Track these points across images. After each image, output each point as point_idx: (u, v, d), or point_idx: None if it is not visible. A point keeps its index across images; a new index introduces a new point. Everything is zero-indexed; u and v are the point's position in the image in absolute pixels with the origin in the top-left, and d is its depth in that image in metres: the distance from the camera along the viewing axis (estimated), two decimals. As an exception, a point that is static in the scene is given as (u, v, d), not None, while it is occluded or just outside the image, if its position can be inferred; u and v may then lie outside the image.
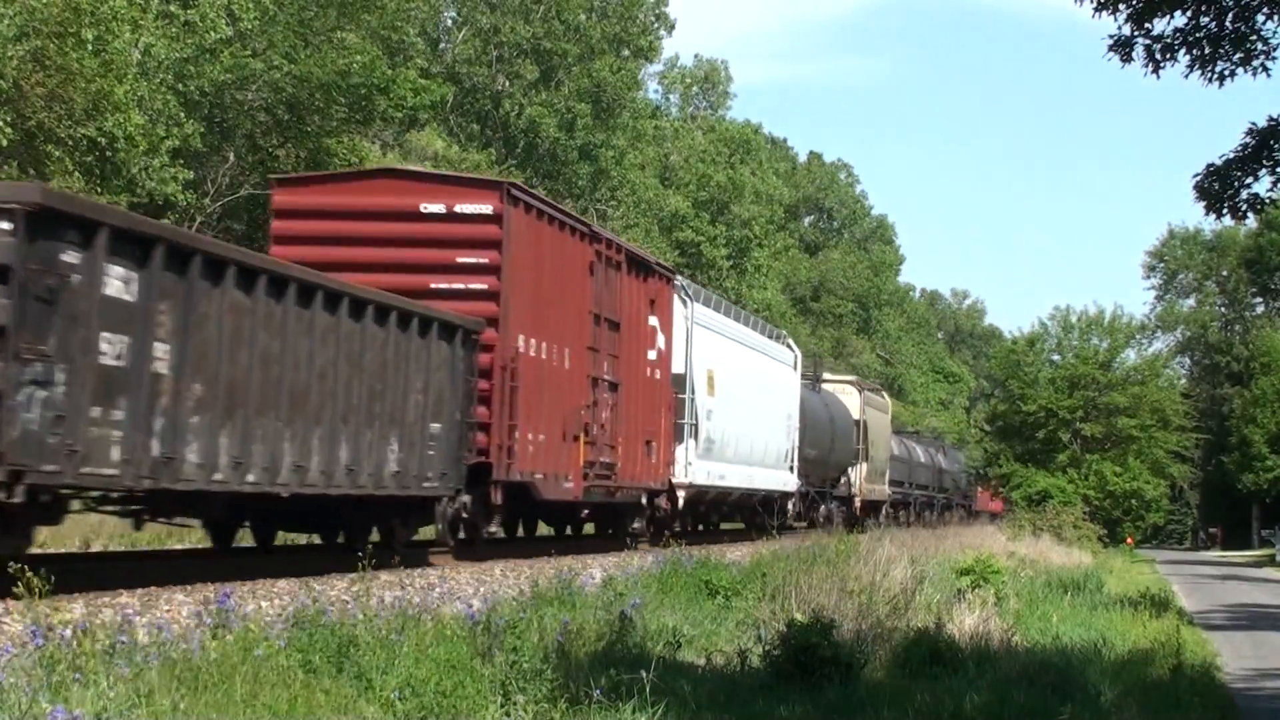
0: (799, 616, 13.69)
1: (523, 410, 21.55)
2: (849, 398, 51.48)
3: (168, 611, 12.22)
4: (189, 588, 14.04)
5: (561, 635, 12.13)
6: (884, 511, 53.67)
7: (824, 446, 45.19)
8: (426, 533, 21.60)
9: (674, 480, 29.83)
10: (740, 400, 34.94)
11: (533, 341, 22.18)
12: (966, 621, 16.18)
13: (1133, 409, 58.94)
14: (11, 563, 10.95)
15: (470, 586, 17.12)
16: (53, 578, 10.46)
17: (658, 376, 28.64)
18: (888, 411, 59.79)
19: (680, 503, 30.28)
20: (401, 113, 41.59)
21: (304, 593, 13.73)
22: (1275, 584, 42.12)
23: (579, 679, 10.55)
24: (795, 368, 43.12)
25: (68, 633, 9.55)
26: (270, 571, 16.22)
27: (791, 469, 40.87)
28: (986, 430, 66.89)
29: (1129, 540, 59.99)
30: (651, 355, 28.22)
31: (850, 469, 49.68)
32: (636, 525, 28.38)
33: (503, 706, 10.10)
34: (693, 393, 30.85)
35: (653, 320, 28.41)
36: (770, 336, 41.83)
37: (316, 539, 21.01)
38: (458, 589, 16.58)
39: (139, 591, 13.44)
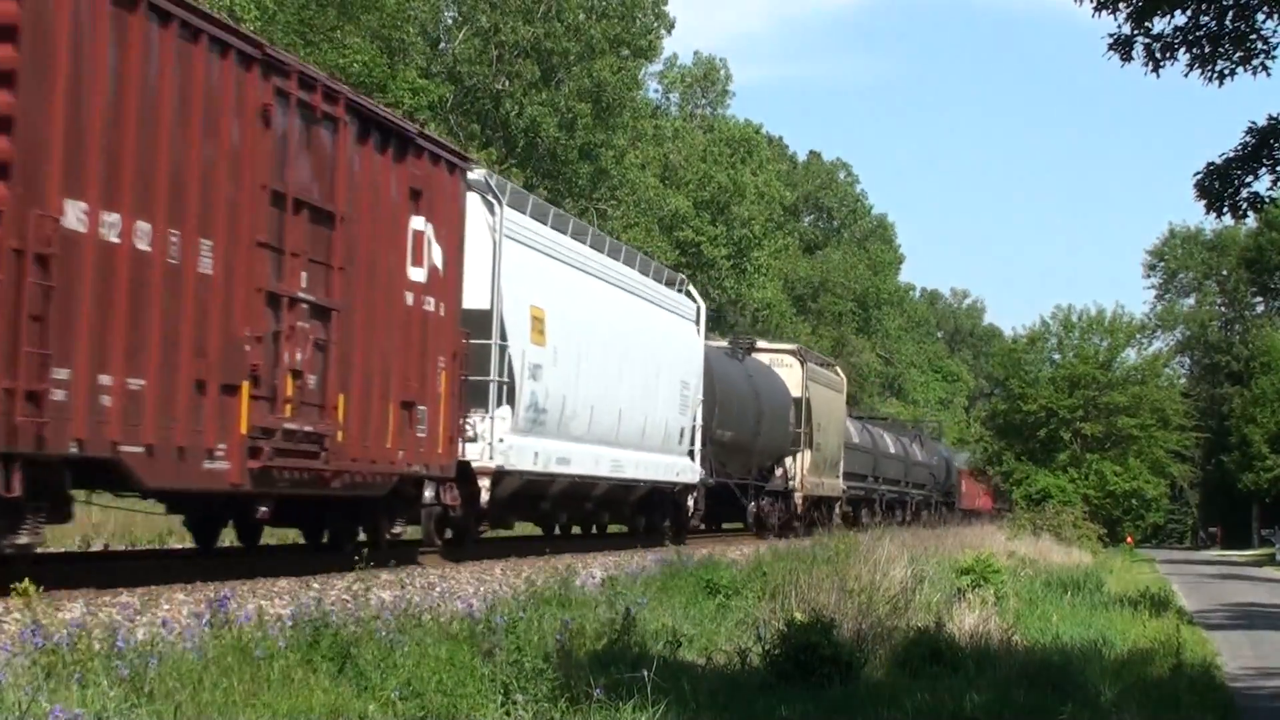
0: (799, 616, 13.69)
1: (84, 332, 12.90)
2: (787, 371, 41.82)
3: (168, 611, 12.22)
4: (189, 587, 14.03)
5: (561, 635, 12.13)
6: (836, 510, 46.33)
7: (746, 429, 36.27)
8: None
9: (475, 464, 21.46)
10: (595, 356, 25.88)
11: (112, 217, 13.21)
12: (966, 621, 16.19)
13: (1133, 408, 58.93)
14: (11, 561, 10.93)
15: (470, 586, 17.13)
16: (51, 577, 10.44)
17: (431, 309, 19.40)
18: (842, 390, 49.76)
19: (485, 496, 21.64)
20: (400, 111, 41.64)
21: (304, 592, 13.74)
22: (1275, 583, 42.13)
23: (579, 678, 10.55)
24: (697, 323, 33.21)
25: (68, 632, 9.55)
26: (270, 571, 16.22)
27: (692, 455, 32.02)
28: (987, 429, 66.85)
29: (1129, 540, 60.00)
30: (416, 275, 19.03)
31: (789, 458, 40.90)
32: (398, 530, 19.84)
33: (503, 706, 10.11)
34: (504, 338, 22.20)
35: (419, 223, 19.11)
36: (661, 280, 31.80)
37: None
38: (458, 588, 16.59)
39: (139, 591, 13.43)
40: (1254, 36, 19.65)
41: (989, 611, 17.29)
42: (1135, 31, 19.58)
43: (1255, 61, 19.62)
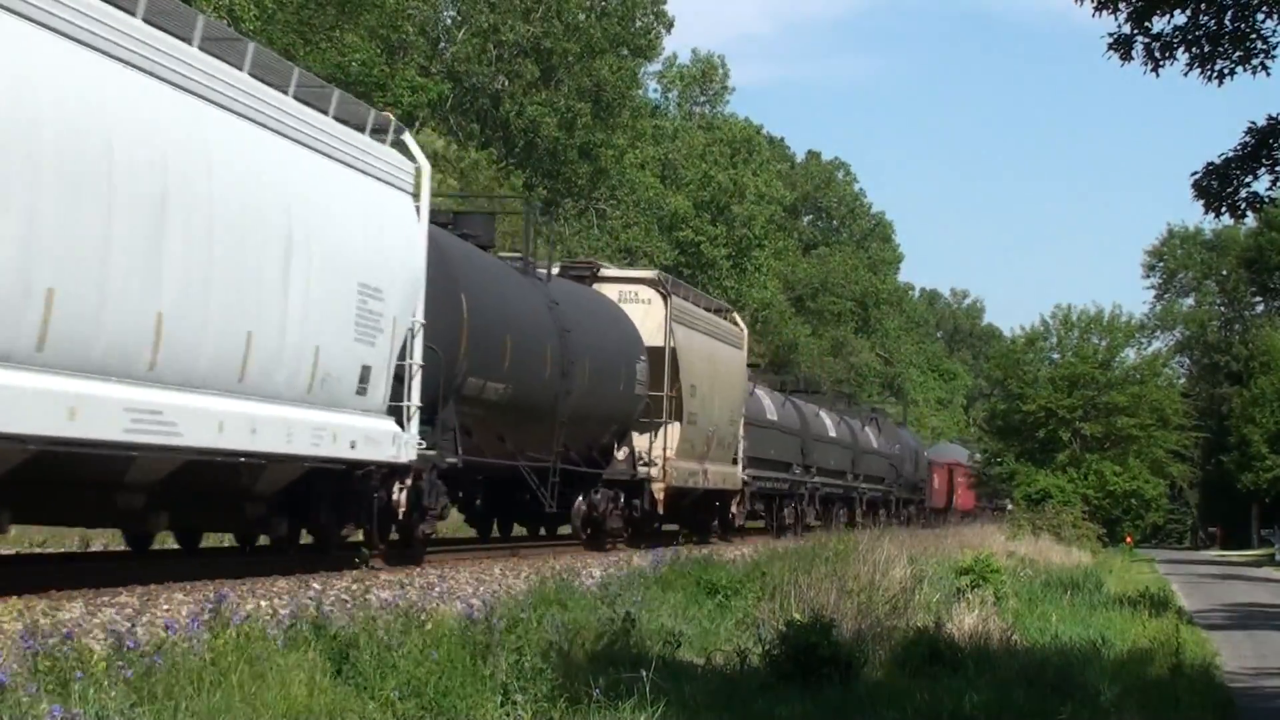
0: (798, 616, 13.69)
1: None
2: (642, 309, 28.82)
3: (167, 611, 12.21)
4: (189, 587, 14.03)
5: (561, 635, 12.14)
6: (734, 509, 35.24)
7: (539, 383, 23.39)
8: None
9: None
10: (83, 198, 12.75)
11: None
12: (966, 621, 16.18)
13: (1132, 408, 58.88)
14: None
15: (470, 586, 17.13)
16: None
17: None
18: (742, 346, 36.11)
19: None
20: (399, 110, 41.62)
21: (304, 592, 13.74)
22: (1275, 583, 42.12)
23: (579, 678, 10.56)
24: (416, 197, 19.64)
25: (68, 632, 9.55)
26: (270, 571, 16.21)
27: (402, 415, 18.86)
28: (986, 429, 66.78)
29: (1128, 540, 59.94)
30: None
31: (642, 435, 28.37)
32: None
33: (502, 706, 10.11)
34: None
35: None
36: (362, 128, 18.40)
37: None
38: (457, 588, 16.59)
39: (139, 591, 13.43)
40: (1253, 36, 19.66)
41: (988, 611, 17.28)
42: (1135, 31, 19.60)
43: (1255, 61, 19.64)
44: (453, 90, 58.30)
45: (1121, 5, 19.31)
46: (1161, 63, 19.59)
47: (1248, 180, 20.90)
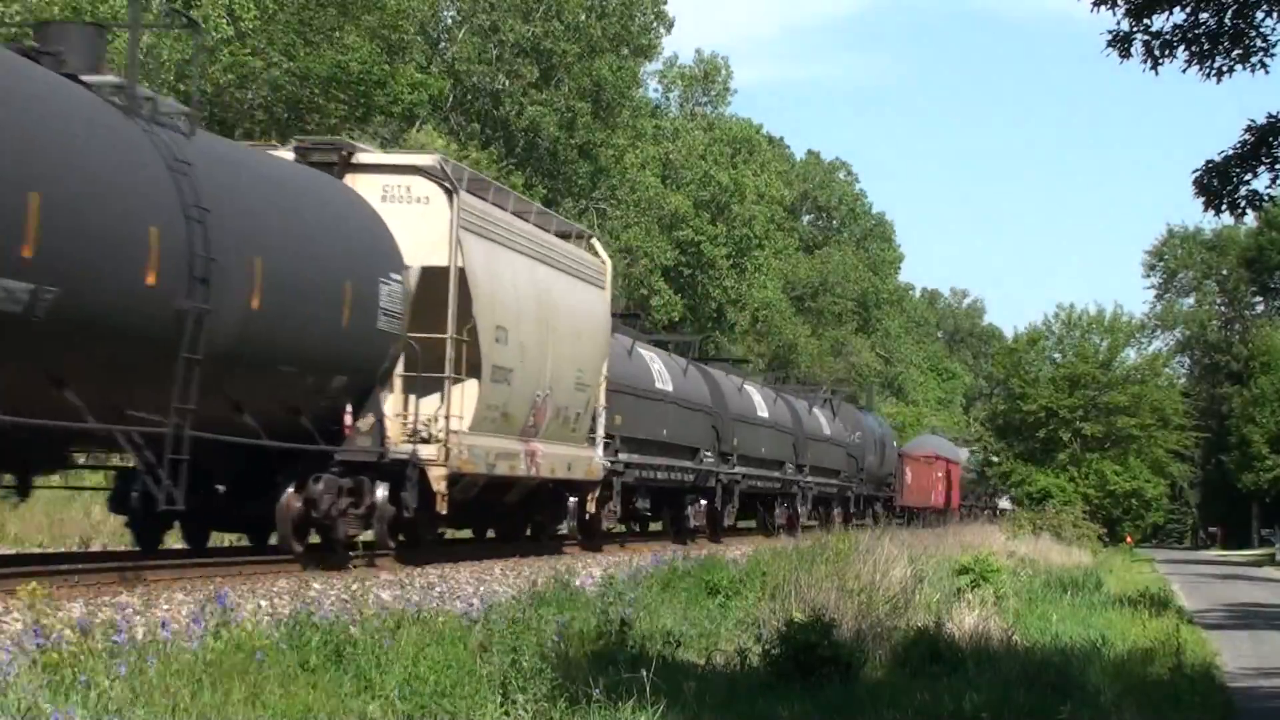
0: (798, 616, 13.69)
1: None
2: (415, 210, 19.75)
3: (167, 611, 12.21)
4: (190, 587, 14.03)
5: (560, 635, 12.13)
6: (589, 503, 25.44)
7: (132, 286, 13.88)
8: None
9: None
10: None
11: None
12: (966, 621, 16.19)
13: (1133, 408, 58.97)
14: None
15: (470, 586, 17.12)
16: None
17: None
18: (604, 286, 25.98)
19: None
20: (399, 108, 41.61)
21: (304, 591, 13.73)
22: (1275, 583, 42.13)
23: (578, 678, 10.55)
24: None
25: (67, 632, 9.55)
26: (270, 570, 16.21)
27: None
28: (987, 429, 66.77)
29: (1129, 539, 60.01)
30: None
31: (424, 396, 19.63)
32: None
33: (502, 705, 10.10)
34: None
35: None
36: None
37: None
38: (457, 588, 16.59)
39: (139, 591, 13.43)
40: (1253, 34, 19.67)
41: (989, 611, 17.29)
42: (1134, 28, 19.61)
43: (1254, 59, 19.65)
44: (453, 90, 58.32)
45: (1120, 2, 19.33)
46: (1161, 60, 19.60)
47: (1247, 178, 20.91)
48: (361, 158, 20.07)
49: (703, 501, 33.14)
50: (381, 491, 18.36)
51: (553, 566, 19.66)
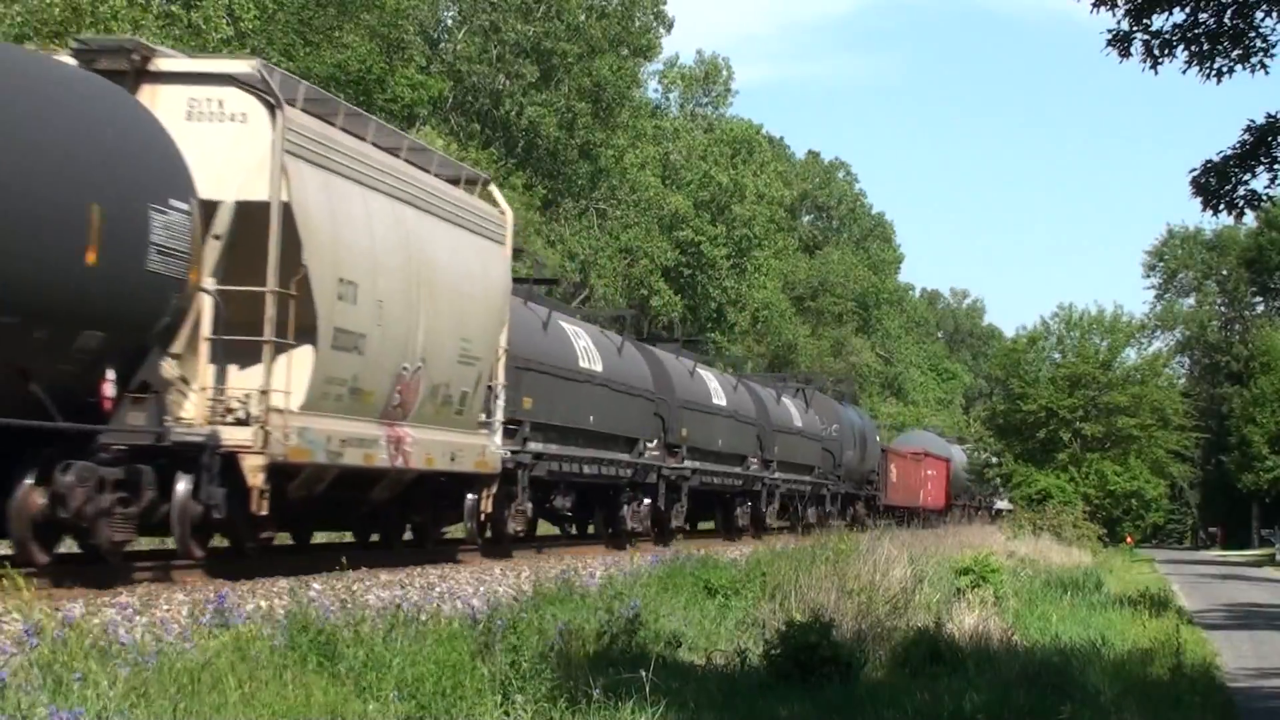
0: (798, 616, 13.68)
1: None
2: (229, 130, 15.83)
3: (167, 611, 12.21)
4: (189, 587, 14.02)
5: (560, 635, 12.12)
6: (483, 501, 21.10)
7: None
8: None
9: None
10: None
11: None
12: (966, 621, 16.18)
13: (1133, 408, 58.89)
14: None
15: (470, 586, 17.11)
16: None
17: None
18: (503, 241, 21.94)
19: None
20: (399, 107, 41.63)
21: (304, 592, 13.72)
22: (1275, 583, 42.10)
23: (578, 678, 10.55)
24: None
25: (67, 632, 9.54)
26: (270, 571, 16.20)
27: None
28: (987, 429, 66.70)
29: (1129, 540, 59.96)
30: None
31: (234, 365, 15.88)
32: None
33: (502, 706, 10.09)
34: None
35: None
36: None
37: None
38: (457, 588, 16.57)
39: (139, 591, 13.42)
40: (1252, 34, 19.68)
41: (989, 611, 17.28)
42: (1134, 28, 19.62)
43: (1254, 59, 19.66)
44: (453, 90, 58.32)
45: (1120, 2, 19.35)
46: (1160, 60, 19.61)
47: (1246, 178, 20.91)
48: (162, 64, 15.98)
49: (645, 501, 29.06)
50: (183, 486, 14.59)
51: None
